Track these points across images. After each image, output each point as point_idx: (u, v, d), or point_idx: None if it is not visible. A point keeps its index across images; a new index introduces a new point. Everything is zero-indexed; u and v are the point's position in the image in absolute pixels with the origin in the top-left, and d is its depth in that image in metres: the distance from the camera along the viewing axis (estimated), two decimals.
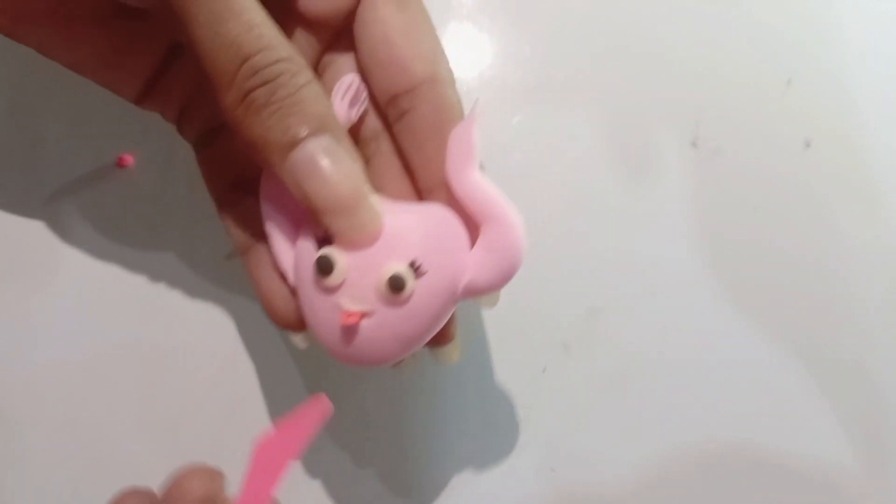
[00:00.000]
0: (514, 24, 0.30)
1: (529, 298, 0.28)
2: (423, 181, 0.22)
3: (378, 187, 0.23)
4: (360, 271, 0.19)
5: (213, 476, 0.19)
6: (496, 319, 0.28)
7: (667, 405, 0.27)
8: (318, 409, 0.19)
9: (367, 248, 0.20)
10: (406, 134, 0.22)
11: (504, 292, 0.28)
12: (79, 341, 0.27)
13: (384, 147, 0.23)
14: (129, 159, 0.28)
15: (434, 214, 0.20)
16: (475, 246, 0.20)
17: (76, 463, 0.27)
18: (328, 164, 0.19)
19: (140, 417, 0.27)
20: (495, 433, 0.27)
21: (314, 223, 0.20)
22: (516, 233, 0.20)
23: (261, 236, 0.22)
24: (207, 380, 0.27)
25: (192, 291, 0.28)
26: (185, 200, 0.28)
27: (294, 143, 0.19)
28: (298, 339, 0.23)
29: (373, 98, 0.23)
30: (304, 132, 0.19)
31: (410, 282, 0.19)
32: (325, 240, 0.20)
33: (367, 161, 0.23)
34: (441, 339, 0.22)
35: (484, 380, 0.27)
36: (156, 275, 0.28)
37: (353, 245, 0.20)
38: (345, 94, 0.22)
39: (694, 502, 0.27)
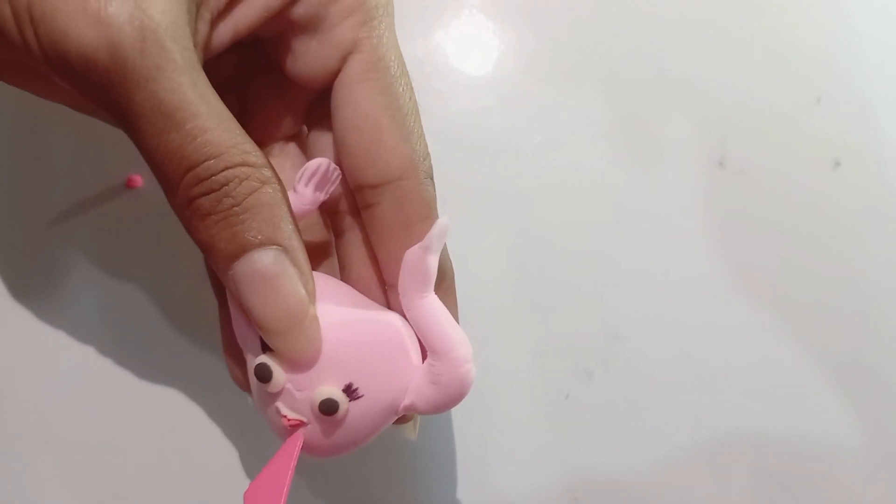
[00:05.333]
0: (531, 35, 0.29)
1: (552, 325, 0.27)
2: (385, 277, 0.21)
3: (347, 264, 0.22)
4: (296, 385, 0.19)
5: None
6: (518, 346, 0.27)
7: (692, 432, 0.27)
8: (295, 444, 0.19)
9: (305, 365, 0.19)
10: (371, 226, 0.21)
11: (526, 318, 0.27)
12: (87, 362, 0.27)
13: (358, 226, 0.22)
14: (139, 180, 0.28)
15: (381, 330, 0.20)
16: (422, 369, 0.20)
17: (83, 483, 0.27)
18: (269, 282, 0.18)
19: (149, 436, 0.27)
20: (517, 461, 0.27)
21: None
22: (461, 370, 0.19)
23: None
24: (220, 398, 0.27)
25: (202, 313, 0.27)
26: None
27: (238, 254, 0.18)
28: (252, 401, 0.22)
29: (345, 179, 0.22)
30: (249, 243, 0.18)
31: (343, 405, 0.19)
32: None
33: (342, 234, 0.22)
34: (399, 419, 0.21)
35: (506, 407, 0.27)
36: (165, 296, 0.27)
37: (289, 362, 0.19)
38: (309, 180, 0.21)
39: None
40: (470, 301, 0.23)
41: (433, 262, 0.19)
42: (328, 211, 0.23)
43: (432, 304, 0.20)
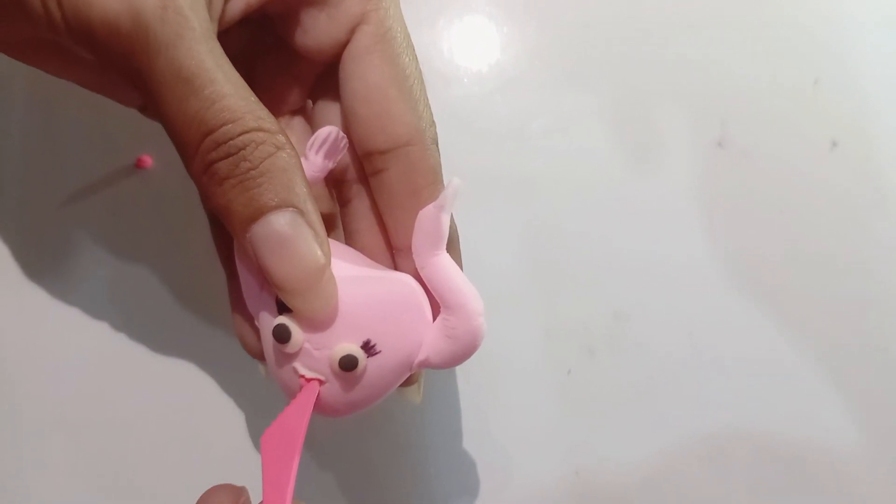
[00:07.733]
0: (534, 20, 0.30)
1: (555, 303, 0.28)
2: (393, 241, 0.22)
3: (353, 231, 0.23)
4: (315, 344, 0.19)
5: (237, 492, 0.19)
6: (522, 326, 0.27)
7: (692, 409, 0.27)
8: (311, 392, 0.19)
9: (323, 324, 0.19)
10: (379, 193, 0.22)
11: (530, 296, 0.28)
12: (97, 341, 0.27)
13: (364, 193, 0.23)
14: (149, 160, 0.28)
15: (395, 289, 0.20)
16: (435, 325, 0.20)
17: (93, 461, 0.27)
18: (286, 243, 0.18)
19: (159, 414, 0.27)
20: (520, 437, 0.27)
21: None
22: (475, 323, 0.20)
23: None
24: (230, 375, 0.27)
25: (211, 292, 0.27)
26: None
27: (255, 217, 0.18)
28: (262, 369, 0.23)
29: (352, 147, 0.22)
30: (266, 205, 0.18)
31: (362, 362, 0.19)
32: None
33: (348, 202, 0.23)
34: (405, 381, 0.22)
35: (508, 384, 0.27)
36: (175, 276, 0.28)
37: (307, 322, 0.19)
38: (320, 148, 0.21)
39: None
40: (475, 281, 0.23)
41: (446, 221, 0.20)
42: (334, 181, 0.23)
43: (445, 261, 0.20)
